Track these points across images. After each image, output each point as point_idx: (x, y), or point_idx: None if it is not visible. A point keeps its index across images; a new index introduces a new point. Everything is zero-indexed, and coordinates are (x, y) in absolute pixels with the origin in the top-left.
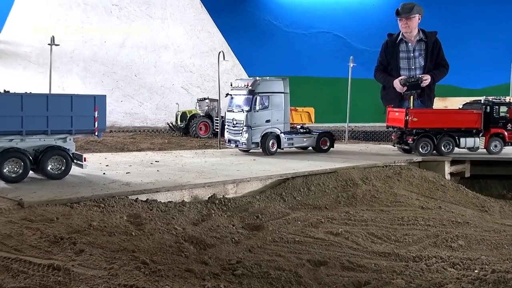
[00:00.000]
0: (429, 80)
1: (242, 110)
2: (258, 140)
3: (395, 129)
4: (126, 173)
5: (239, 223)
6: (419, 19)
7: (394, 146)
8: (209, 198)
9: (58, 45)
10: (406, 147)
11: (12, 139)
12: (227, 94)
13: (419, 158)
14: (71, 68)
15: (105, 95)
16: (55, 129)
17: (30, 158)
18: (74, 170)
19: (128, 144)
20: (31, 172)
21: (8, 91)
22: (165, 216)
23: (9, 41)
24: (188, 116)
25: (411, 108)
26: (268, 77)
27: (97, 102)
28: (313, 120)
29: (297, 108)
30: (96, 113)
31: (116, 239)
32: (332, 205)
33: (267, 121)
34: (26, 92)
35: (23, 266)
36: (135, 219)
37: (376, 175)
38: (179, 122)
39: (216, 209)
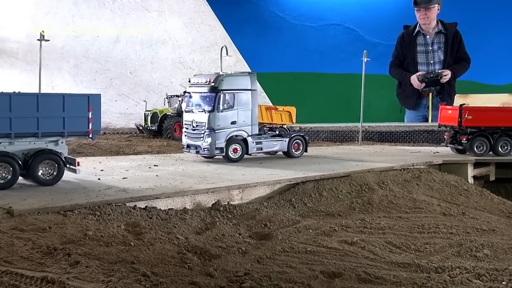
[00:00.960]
0: (449, 75)
1: (204, 110)
2: (223, 144)
3: (448, 128)
4: (123, 178)
5: (246, 231)
6: (438, 9)
7: (447, 146)
8: (213, 205)
9: (48, 40)
10: (460, 147)
11: (0, 143)
12: (184, 92)
13: (440, 161)
14: (61, 65)
15: (100, 95)
16: (46, 131)
17: (20, 162)
18: (67, 175)
19: (123, 147)
20: (20, 178)
21: None
22: (166, 225)
23: None
24: (160, 116)
25: (465, 105)
26: (232, 72)
27: (91, 102)
28: (294, 121)
29: (277, 107)
30: (90, 113)
31: (113, 249)
32: (346, 212)
33: (233, 122)
34: (14, 92)
35: (14, 279)
36: (133, 228)
37: (393, 179)
38: (149, 123)
39: (221, 216)
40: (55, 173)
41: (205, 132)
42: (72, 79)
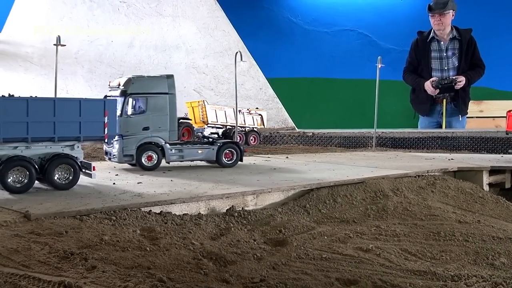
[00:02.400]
0: (464, 82)
1: None
2: (133, 152)
3: None
4: (138, 183)
5: (261, 237)
6: (452, 15)
7: None
8: (227, 210)
9: (64, 45)
10: None
11: (17, 147)
12: (105, 96)
13: (455, 168)
14: (76, 70)
15: (116, 99)
16: (62, 135)
17: (36, 166)
18: (82, 179)
19: None
20: (36, 181)
21: (13, 95)
22: (181, 230)
23: (10, 41)
24: None
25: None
26: (146, 75)
27: (107, 106)
28: (265, 124)
29: (249, 109)
30: (106, 118)
31: (129, 254)
32: (361, 219)
33: (145, 128)
34: (31, 96)
35: (32, 283)
36: (149, 233)
37: (408, 186)
38: None
39: (235, 222)
40: (70, 178)
41: (114, 138)
42: (86, 84)
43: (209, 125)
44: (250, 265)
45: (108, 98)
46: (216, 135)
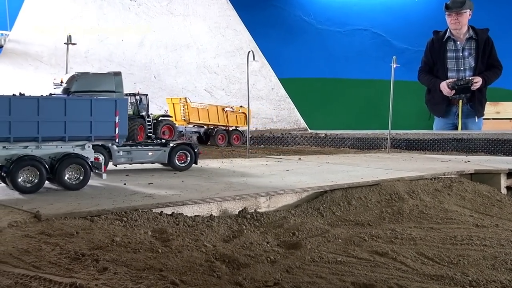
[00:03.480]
0: (480, 82)
1: None
2: None
3: None
4: (149, 184)
5: (274, 240)
6: (469, 14)
7: None
8: (239, 212)
9: (75, 44)
10: None
11: (27, 146)
12: (50, 94)
13: (471, 170)
14: (86, 69)
15: (127, 99)
16: (73, 135)
17: (46, 166)
18: (93, 180)
19: None
20: (46, 182)
21: (23, 94)
22: (193, 232)
23: (19, 40)
24: None
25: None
26: (91, 72)
27: (118, 106)
28: (249, 123)
29: (233, 107)
30: (117, 118)
31: (141, 256)
32: (376, 222)
33: None
34: (42, 95)
35: (43, 284)
36: (160, 235)
37: (424, 188)
38: None
39: (248, 224)
40: (81, 178)
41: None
42: None
43: (190, 123)
44: (263, 268)
45: (52, 96)
46: (197, 134)
